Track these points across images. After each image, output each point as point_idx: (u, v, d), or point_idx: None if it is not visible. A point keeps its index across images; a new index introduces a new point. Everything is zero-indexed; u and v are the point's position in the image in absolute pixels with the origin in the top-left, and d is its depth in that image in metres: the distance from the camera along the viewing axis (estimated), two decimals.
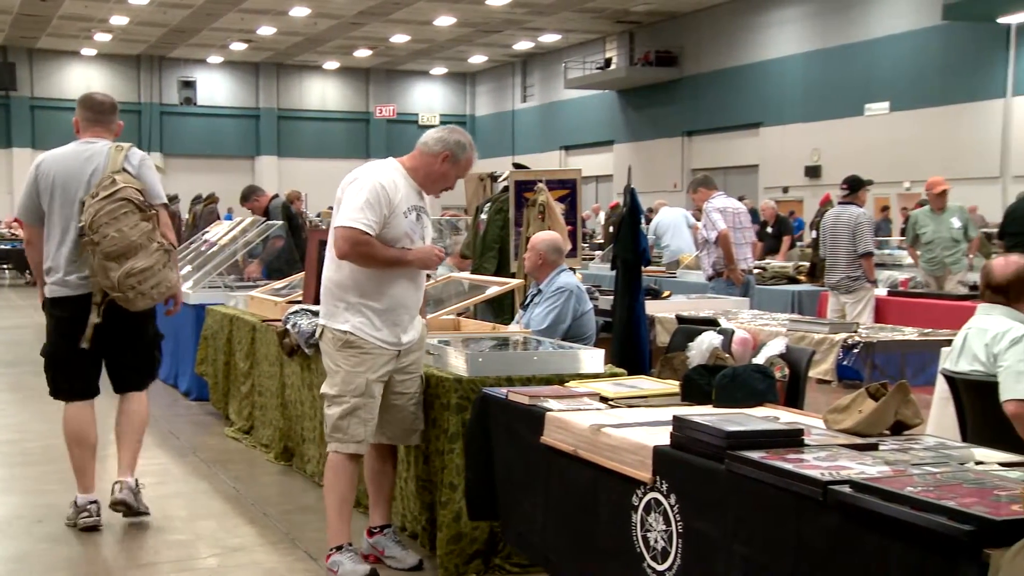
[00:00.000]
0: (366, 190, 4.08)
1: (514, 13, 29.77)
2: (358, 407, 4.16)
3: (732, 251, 8.73)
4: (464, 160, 4.27)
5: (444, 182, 4.28)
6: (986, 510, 2.19)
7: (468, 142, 4.29)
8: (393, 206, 4.11)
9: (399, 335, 4.21)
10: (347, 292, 4.17)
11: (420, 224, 4.24)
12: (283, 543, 4.79)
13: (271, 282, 8.20)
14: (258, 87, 39.23)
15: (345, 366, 4.17)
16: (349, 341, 4.16)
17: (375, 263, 4.12)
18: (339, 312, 4.18)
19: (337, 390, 4.18)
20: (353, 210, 4.06)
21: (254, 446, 6.66)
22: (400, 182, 4.18)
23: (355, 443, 4.19)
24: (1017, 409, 3.79)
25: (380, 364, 4.18)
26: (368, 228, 4.04)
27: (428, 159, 4.23)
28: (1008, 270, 4.17)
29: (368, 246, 4.06)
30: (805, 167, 25.35)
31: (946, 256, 10.00)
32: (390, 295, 4.17)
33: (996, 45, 20.63)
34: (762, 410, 3.58)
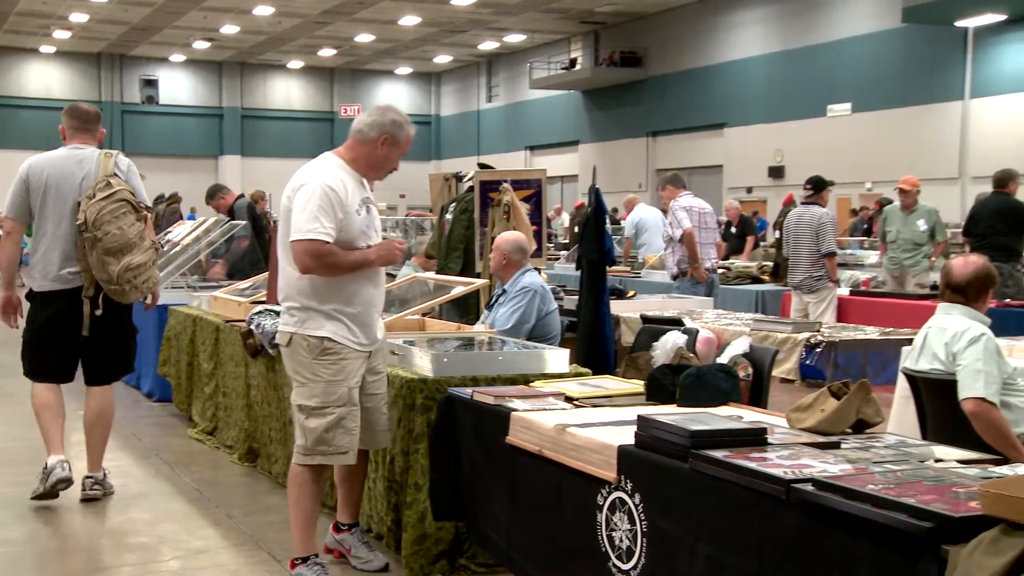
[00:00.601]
0: (316, 196, 3.88)
1: (479, 13, 29.76)
2: (343, 417, 3.99)
3: (696, 250, 8.79)
4: (404, 138, 4.08)
5: (388, 166, 4.11)
6: (945, 507, 2.22)
7: (403, 119, 4.10)
8: (345, 207, 3.94)
9: (372, 334, 4.11)
10: (316, 300, 3.98)
11: (371, 216, 4.10)
12: (247, 545, 4.76)
13: (235, 282, 8.14)
14: (221, 86, 38.93)
15: (325, 375, 3.98)
16: (327, 348, 3.97)
17: (341, 271, 3.95)
18: (312, 318, 3.97)
19: (318, 401, 3.97)
20: (307, 220, 3.86)
21: (218, 447, 6.61)
22: (346, 178, 4.00)
23: (342, 454, 4.02)
24: (975, 407, 3.84)
25: (356, 369, 4.04)
26: (327, 237, 3.86)
27: (367, 147, 4.05)
28: (967, 270, 4.22)
29: (332, 256, 3.89)
30: (768, 167, 25.54)
31: (905, 259, 10.08)
32: (360, 298, 4.03)
33: (954, 48, 20.89)
34: (726, 409, 3.60)
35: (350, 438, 4.02)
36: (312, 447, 4.00)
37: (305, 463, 4.02)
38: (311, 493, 4.06)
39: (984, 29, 20.06)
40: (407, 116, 4.14)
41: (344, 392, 3.99)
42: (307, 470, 4.03)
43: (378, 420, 4.22)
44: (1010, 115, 20.02)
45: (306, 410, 4.00)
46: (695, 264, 8.84)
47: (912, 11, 19.62)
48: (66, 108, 5.49)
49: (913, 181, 10.16)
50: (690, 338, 4.52)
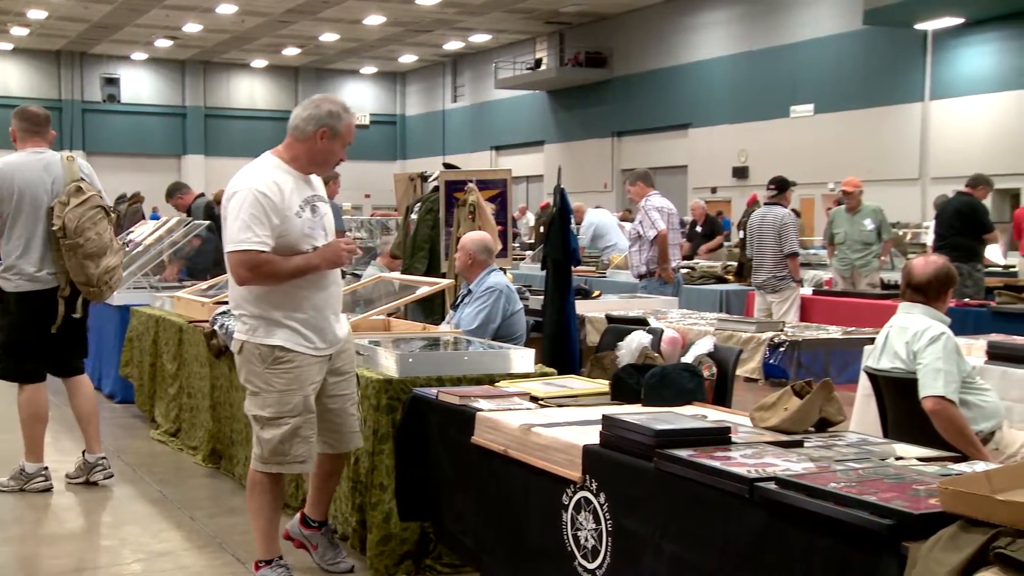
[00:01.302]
0: (248, 204, 3.72)
1: (444, 13, 29.72)
2: (299, 427, 3.87)
3: (668, 250, 8.85)
4: (344, 127, 3.89)
5: (333, 159, 3.94)
6: (905, 504, 2.25)
7: (341, 107, 3.92)
8: (281, 210, 3.77)
9: (328, 337, 3.96)
10: (264, 308, 3.85)
11: (317, 216, 3.91)
12: (210, 547, 4.72)
13: (197, 282, 8.08)
14: (184, 85, 38.57)
15: (278, 384, 3.85)
16: (279, 357, 3.84)
17: (281, 279, 3.81)
18: (262, 326, 3.85)
19: (272, 411, 3.86)
20: (240, 230, 3.71)
21: (181, 449, 6.56)
22: (283, 179, 3.82)
23: (299, 463, 3.93)
24: (935, 405, 3.89)
25: (313, 375, 3.91)
26: (262, 246, 3.71)
27: (306, 144, 3.87)
28: (927, 270, 4.27)
29: (269, 265, 3.74)
30: (732, 168, 25.71)
31: (856, 259, 10.16)
32: (310, 302, 3.89)
33: (914, 50, 21.13)
34: (690, 409, 3.62)
35: (307, 447, 3.91)
36: (268, 457, 3.90)
37: (262, 471, 3.94)
38: (270, 499, 3.98)
39: (943, 32, 20.31)
40: (345, 103, 3.97)
41: (299, 401, 3.86)
42: (265, 476, 3.96)
43: (345, 421, 4.10)
44: (968, 117, 20.28)
45: (260, 420, 3.89)
46: (664, 264, 8.89)
47: (873, 13, 19.82)
48: (16, 111, 5.56)
49: (855, 182, 10.28)
50: (655, 338, 4.54)
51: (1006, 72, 19.56)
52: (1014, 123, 19.39)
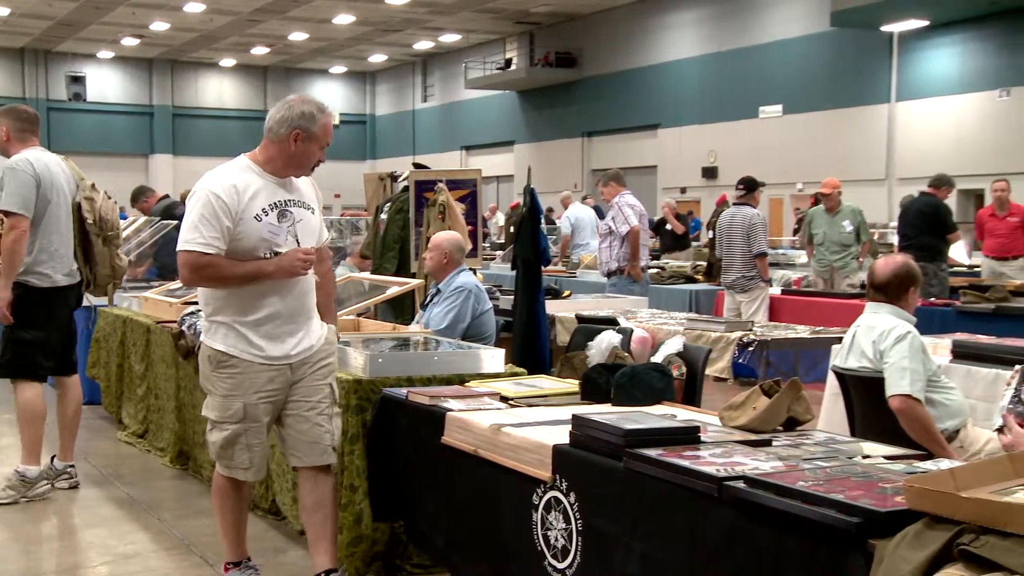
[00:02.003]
0: (199, 204, 3.63)
1: (414, 12, 29.65)
2: (239, 434, 3.77)
3: (639, 248, 8.89)
4: (320, 129, 3.74)
5: (308, 162, 3.78)
6: (872, 502, 2.27)
7: (316, 107, 3.77)
8: (236, 212, 3.64)
9: (285, 348, 3.78)
10: (215, 308, 3.76)
11: (287, 221, 3.73)
12: (178, 549, 4.69)
13: (166, 283, 8.02)
14: (151, 84, 38.25)
15: (220, 389, 3.77)
16: (222, 361, 3.75)
17: (228, 283, 3.69)
18: (212, 328, 3.78)
19: (215, 415, 3.80)
20: (187, 230, 3.63)
21: (148, 450, 6.51)
22: (247, 181, 3.70)
23: (242, 470, 3.83)
24: (901, 404, 3.92)
25: (260, 384, 3.75)
26: (206, 247, 3.59)
27: (279, 146, 3.74)
28: (887, 270, 4.31)
29: (212, 268, 3.62)
30: (702, 168, 25.83)
31: (835, 260, 10.20)
32: (262, 308, 3.74)
33: (880, 52, 21.32)
34: (660, 408, 3.63)
35: (250, 455, 3.80)
36: (215, 460, 3.89)
37: (220, 472, 3.91)
38: (233, 500, 3.92)
39: (908, 34, 20.51)
40: (320, 103, 3.82)
41: (238, 408, 3.75)
42: (224, 478, 3.90)
43: (309, 431, 3.85)
44: (933, 118, 20.49)
45: (208, 422, 3.86)
46: (634, 262, 8.93)
47: (840, 15, 19.98)
48: (6, 109, 5.53)
49: (834, 183, 10.29)
50: (625, 337, 4.55)
51: (970, 74, 19.79)
52: (977, 124, 19.62)
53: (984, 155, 19.00)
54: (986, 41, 19.51)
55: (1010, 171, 14.96)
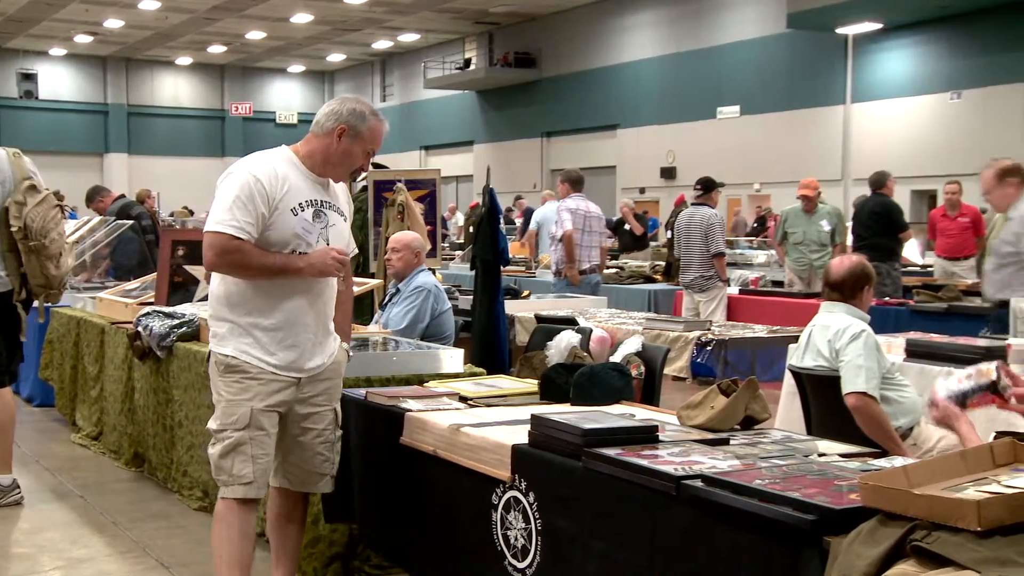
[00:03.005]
0: (236, 185, 3.38)
1: (373, 12, 29.54)
2: (242, 442, 3.44)
3: (573, 252, 8.98)
4: (367, 130, 3.50)
5: (349, 162, 3.54)
6: (827, 500, 2.29)
7: (368, 109, 3.54)
8: (274, 202, 3.40)
9: (298, 360, 3.50)
10: (232, 309, 3.48)
11: (321, 222, 3.49)
12: (133, 552, 4.63)
13: (121, 283, 7.92)
14: (106, 82, 37.75)
15: (227, 394, 3.48)
16: (231, 365, 3.47)
17: (253, 273, 3.42)
18: (223, 333, 3.50)
19: (218, 423, 3.50)
20: (220, 211, 3.37)
21: (103, 452, 6.43)
22: (289, 173, 3.46)
23: (242, 485, 3.44)
24: (856, 402, 3.96)
25: (270, 392, 3.47)
26: (238, 231, 3.34)
27: (323, 140, 3.50)
28: (842, 268, 4.37)
29: (240, 253, 3.36)
30: (661, 168, 25.97)
31: (815, 259, 10.09)
32: (283, 310, 3.47)
33: (836, 54, 21.55)
34: (619, 407, 3.64)
35: (252, 466, 3.44)
36: (215, 476, 3.53)
37: (222, 495, 3.50)
38: (236, 531, 3.46)
39: (863, 37, 20.74)
40: (374, 108, 3.58)
41: (244, 413, 3.44)
42: (227, 505, 3.47)
43: (309, 459, 3.62)
44: (887, 120, 20.75)
45: (211, 435, 3.54)
46: (570, 264, 9.04)
47: (796, 17, 20.18)
48: None
49: (814, 184, 10.28)
50: (584, 337, 4.56)
51: (922, 76, 20.07)
52: (930, 126, 19.90)
53: (936, 156, 19.27)
54: (937, 44, 19.79)
55: (961, 172, 15.17)
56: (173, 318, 5.49)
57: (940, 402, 3.00)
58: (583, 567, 2.87)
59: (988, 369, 3.10)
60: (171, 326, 5.42)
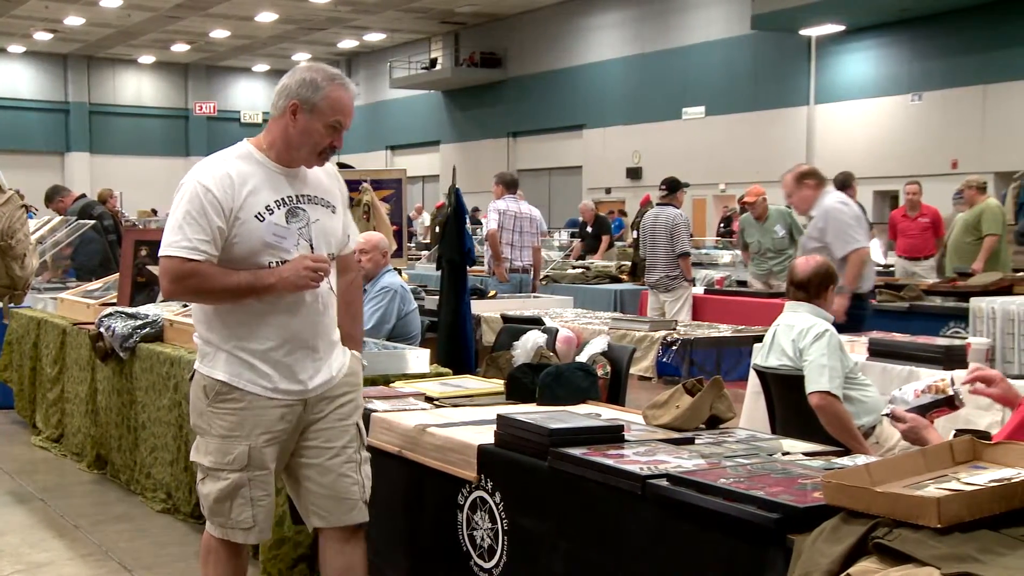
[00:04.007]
0: (185, 200, 2.95)
1: (338, 11, 29.41)
2: (240, 485, 3.02)
3: (497, 250, 9.17)
4: (323, 100, 2.99)
5: (311, 141, 3.01)
6: (791, 498, 2.31)
7: (322, 75, 3.02)
8: (231, 211, 2.93)
9: (300, 378, 3.06)
10: (213, 332, 3.06)
11: (298, 222, 3.01)
12: (95, 555, 4.58)
13: (83, 283, 7.84)
14: (67, 80, 37.28)
15: (219, 428, 3.03)
16: (222, 393, 3.02)
17: (218, 297, 2.99)
18: (210, 353, 3.06)
19: (211, 461, 3.04)
20: (170, 231, 2.95)
21: (64, 455, 6.35)
22: (248, 172, 2.99)
23: (242, 531, 3.06)
24: (820, 401, 4.00)
25: (269, 422, 3.03)
26: (191, 252, 2.89)
27: (279, 123, 3.03)
28: (808, 268, 4.41)
29: (197, 277, 2.91)
30: (626, 168, 26.06)
31: (773, 265, 10.07)
32: (266, 332, 3.02)
33: (799, 56, 21.74)
34: (585, 407, 3.65)
35: (253, 510, 3.04)
36: (209, 517, 3.12)
37: (211, 533, 3.13)
38: (228, 567, 3.14)
39: (826, 39, 20.93)
40: (333, 72, 3.05)
41: (241, 452, 3.01)
42: (222, 543, 3.11)
43: (335, 483, 3.11)
44: (850, 121, 20.95)
45: (201, 470, 3.10)
46: (496, 262, 9.22)
47: (760, 19, 20.32)
48: None
49: (757, 191, 10.22)
50: (550, 337, 4.57)
51: (884, 78, 20.28)
52: (892, 128, 20.11)
53: (898, 158, 19.48)
54: (899, 47, 20.00)
55: (922, 173, 15.37)
56: (136, 319, 5.44)
57: (907, 416, 3.04)
58: (549, 566, 2.88)
59: (944, 384, 3.15)
60: (134, 327, 5.37)
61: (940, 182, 15.62)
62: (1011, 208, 12.64)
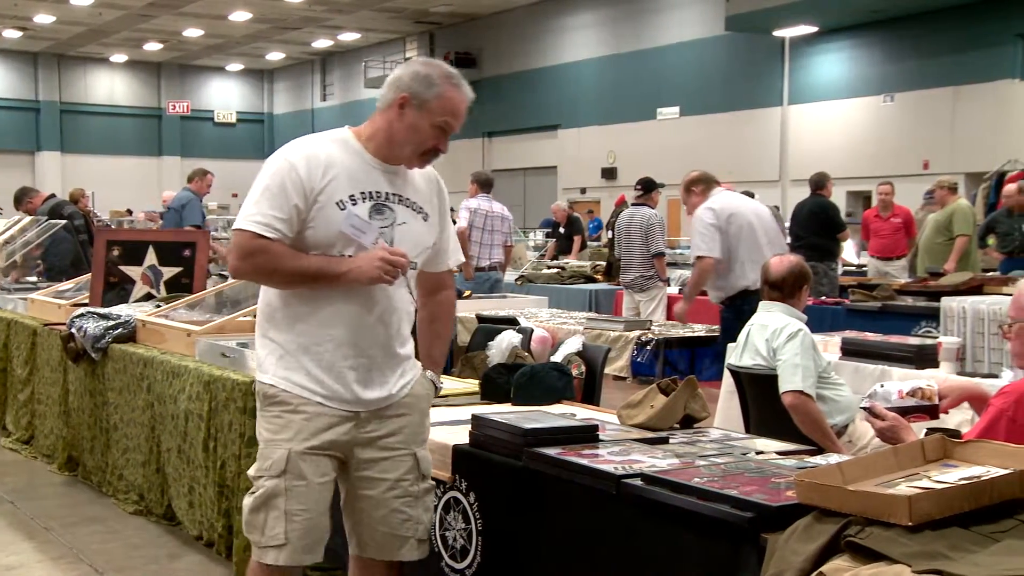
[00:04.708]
0: (268, 174, 2.78)
1: (313, 11, 29.31)
2: (275, 493, 2.76)
3: (466, 247, 9.18)
4: (436, 98, 2.78)
5: (417, 139, 2.80)
6: (765, 497, 2.32)
7: (439, 72, 2.81)
8: (312, 193, 2.74)
9: (353, 386, 2.80)
10: (273, 326, 2.84)
11: (382, 220, 2.79)
12: (66, 558, 4.54)
13: (54, 283, 7.77)
14: (37, 78, 36.92)
15: (266, 432, 2.84)
16: (270, 396, 2.83)
17: (285, 279, 2.77)
18: (263, 357, 2.87)
19: (254, 469, 2.84)
20: (247, 204, 2.78)
21: (35, 457, 6.29)
22: (339, 157, 2.80)
23: (273, 547, 2.77)
24: (793, 400, 4.02)
25: (315, 430, 2.78)
26: (264, 228, 2.71)
27: (385, 116, 2.83)
28: (782, 267, 4.43)
29: (266, 255, 2.71)
30: (601, 169, 26.11)
31: None
32: (324, 326, 2.79)
33: (773, 57, 21.86)
34: (559, 407, 3.66)
35: (286, 525, 2.76)
36: (247, 533, 2.87)
37: (255, 558, 2.85)
38: None
39: (799, 40, 21.05)
40: (451, 72, 2.84)
41: (280, 457, 2.76)
42: (258, 569, 2.84)
43: (385, 519, 2.87)
44: (823, 122, 21.08)
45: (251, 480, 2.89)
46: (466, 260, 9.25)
47: (734, 19, 20.42)
48: None
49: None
50: (525, 337, 4.57)
51: (856, 79, 20.42)
52: (864, 128, 20.25)
53: (870, 158, 19.62)
54: (871, 48, 20.15)
55: (894, 174, 15.49)
56: (108, 319, 5.40)
57: (889, 415, 3.05)
58: (523, 567, 2.88)
59: (931, 392, 3.15)
60: (106, 327, 5.33)
61: (912, 182, 15.75)
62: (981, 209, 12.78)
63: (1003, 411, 2.90)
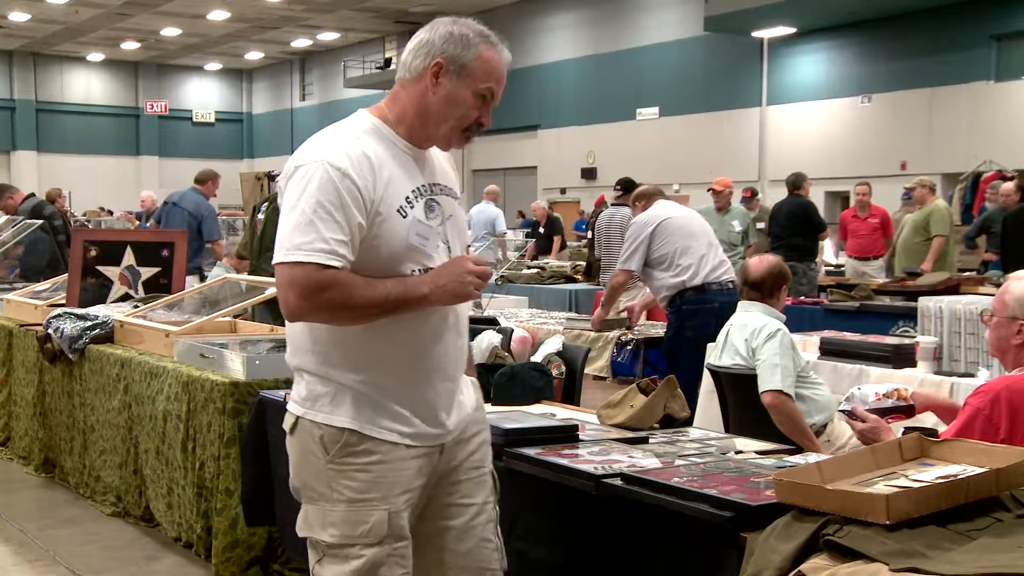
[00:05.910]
0: (314, 188, 2.23)
1: (291, 10, 29.21)
2: (378, 564, 2.29)
3: None
4: (476, 60, 2.35)
5: (458, 113, 2.35)
6: (744, 497, 2.33)
7: (474, 31, 2.41)
8: (373, 204, 2.26)
9: (440, 418, 2.39)
10: (330, 363, 2.33)
11: (437, 216, 2.37)
12: (42, 561, 4.51)
13: (31, 284, 7.71)
14: (12, 77, 36.65)
15: (347, 491, 2.30)
16: (350, 445, 2.31)
17: (359, 315, 2.25)
18: (327, 393, 2.33)
19: (337, 535, 2.31)
20: (294, 230, 2.21)
21: (11, 459, 6.24)
22: (378, 152, 2.31)
23: None
24: (773, 399, 4.04)
25: (409, 478, 2.34)
26: (329, 257, 2.19)
27: (415, 88, 2.36)
28: (762, 267, 4.45)
29: (336, 289, 2.20)
30: (581, 169, 26.16)
31: None
32: (408, 356, 2.34)
33: (752, 57, 21.96)
34: (539, 407, 3.66)
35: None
36: None
37: None
38: None
39: (777, 41, 21.15)
40: (485, 30, 2.44)
41: (379, 520, 2.29)
42: None
43: (473, 551, 2.44)
44: (801, 122, 21.20)
45: (318, 549, 2.35)
46: None
47: (713, 20, 20.49)
48: None
49: (726, 182, 10.32)
50: (505, 337, 4.56)
51: (834, 80, 20.54)
52: (842, 129, 20.37)
53: (848, 159, 19.74)
54: (849, 49, 20.27)
55: (872, 174, 15.58)
56: (86, 319, 5.36)
57: (869, 417, 3.08)
58: None
59: (906, 392, 3.20)
60: (83, 328, 5.30)
61: (889, 183, 15.86)
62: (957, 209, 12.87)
63: (979, 410, 2.93)
